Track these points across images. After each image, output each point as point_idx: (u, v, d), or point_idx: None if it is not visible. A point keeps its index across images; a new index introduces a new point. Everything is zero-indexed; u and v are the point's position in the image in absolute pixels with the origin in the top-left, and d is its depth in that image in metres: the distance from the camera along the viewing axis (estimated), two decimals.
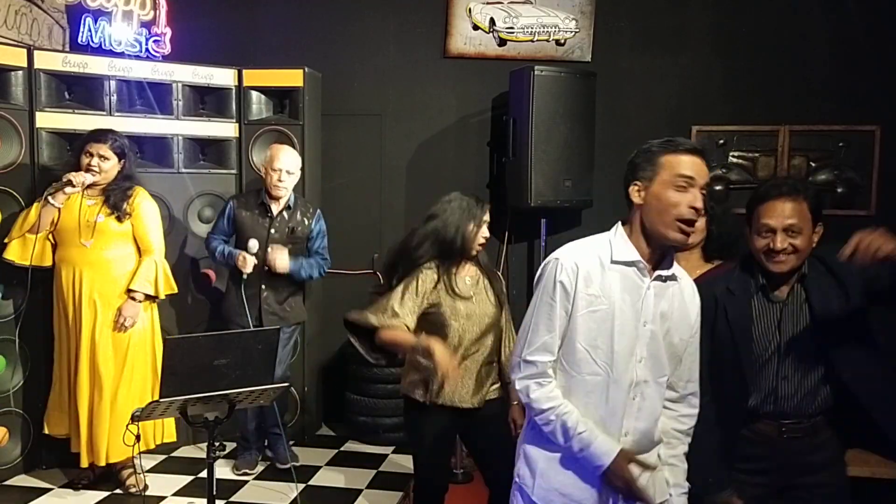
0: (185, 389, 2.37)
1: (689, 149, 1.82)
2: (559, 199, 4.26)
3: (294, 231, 3.86)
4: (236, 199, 3.89)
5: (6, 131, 3.69)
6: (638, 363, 1.86)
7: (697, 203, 1.78)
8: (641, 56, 4.62)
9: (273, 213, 3.82)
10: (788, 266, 2.13)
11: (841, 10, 4.36)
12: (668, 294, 1.89)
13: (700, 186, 1.80)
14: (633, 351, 1.85)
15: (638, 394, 1.87)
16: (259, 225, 3.80)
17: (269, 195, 3.81)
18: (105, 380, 3.54)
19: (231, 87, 4.35)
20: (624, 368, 1.85)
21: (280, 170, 3.75)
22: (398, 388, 4.34)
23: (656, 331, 1.86)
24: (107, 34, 4.08)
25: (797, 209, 2.10)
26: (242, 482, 3.82)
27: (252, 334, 2.77)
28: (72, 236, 3.53)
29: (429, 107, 4.81)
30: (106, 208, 3.55)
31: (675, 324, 1.89)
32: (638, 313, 1.85)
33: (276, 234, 3.81)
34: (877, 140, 4.37)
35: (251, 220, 3.81)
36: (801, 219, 2.10)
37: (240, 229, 3.82)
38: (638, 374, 1.86)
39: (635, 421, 1.87)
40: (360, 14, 4.81)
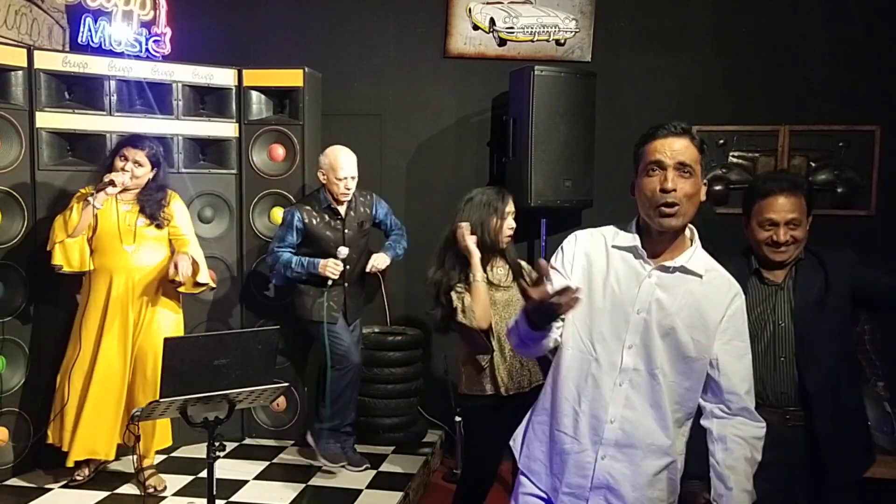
0: (185, 389, 2.38)
1: (662, 134, 1.82)
2: (559, 199, 4.26)
3: (363, 225, 3.96)
4: (300, 210, 3.84)
5: (6, 131, 3.69)
6: (627, 349, 1.83)
7: (666, 184, 1.77)
8: (641, 56, 4.62)
9: (342, 214, 3.88)
10: (789, 255, 2.30)
11: (841, 10, 4.36)
12: (674, 287, 1.83)
13: (672, 166, 1.78)
14: (621, 336, 1.83)
15: (625, 380, 1.83)
16: (333, 229, 3.86)
17: (336, 200, 3.85)
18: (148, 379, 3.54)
19: (231, 87, 4.35)
20: (609, 351, 1.84)
21: (346, 178, 3.80)
22: (399, 389, 4.41)
23: (650, 320, 1.82)
24: (107, 34, 4.08)
25: (797, 203, 2.28)
26: (242, 482, 3.82)
27: (252, 334, 2.77)
28: (112, 241, 3.53)
29: (429, 107, 4.81)
30: (143, 216, 3.59)
31: (682, 320, 1.81)
32: (633, 300, 1.83)
33: (350, 233, 3.89)
34: (877, 140, 4.37)
35: (324, 226, 3.85)
36: (800, 212, 2.27)
37: (314, 238, 3.84)
38: (625, 361, 1.83)
39: (623, 409, 1.83)
40: (360, 14, 4.81)
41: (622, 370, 1.83)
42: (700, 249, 1.89)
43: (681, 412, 1.87)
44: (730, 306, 1.85)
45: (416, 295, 4.81)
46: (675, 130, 1.81)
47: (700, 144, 1.83)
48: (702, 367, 1.84)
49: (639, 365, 1.83)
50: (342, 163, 3.80)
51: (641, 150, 1.85)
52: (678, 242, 1.86)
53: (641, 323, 1.82)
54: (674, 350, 1.82)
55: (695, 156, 1.80)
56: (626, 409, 1.83)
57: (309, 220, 3.83)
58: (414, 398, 4.53)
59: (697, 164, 1.81)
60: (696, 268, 1.84)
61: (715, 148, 4.52)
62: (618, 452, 1.84)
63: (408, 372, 4.45)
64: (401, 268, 4.86)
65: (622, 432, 1.83)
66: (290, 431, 4.44)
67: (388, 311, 4.82)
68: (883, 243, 4.01)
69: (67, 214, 3.47)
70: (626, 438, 1.84)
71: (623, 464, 1.84)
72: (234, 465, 4.04)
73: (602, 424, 1.84)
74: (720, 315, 1.84)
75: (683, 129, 1.82)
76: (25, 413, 3.75)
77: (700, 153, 1.82)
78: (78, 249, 3.49)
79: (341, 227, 3.87)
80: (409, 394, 4.48)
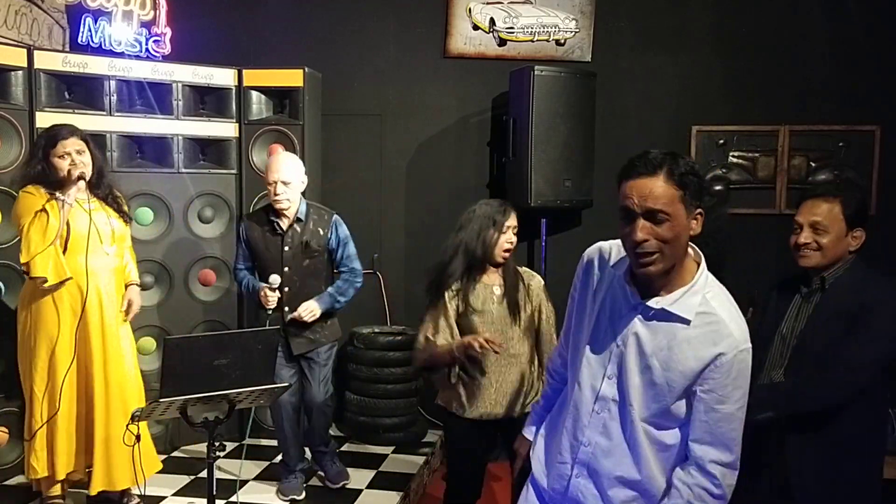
0: (185, 389, 2.37)
1: (633, 174, 1.64)
2: (559, 199, 4.26)
3: (308, 245, 3.53)
4: (247, 220, 3.64)
5: (6, 131, 3.69)
6: (607, 379, 1.78)
7: (635, 235, 1.62)
8: (641, 56, 4.62)
9: (283, 228, 3.52)
10: (813, 262, 2.25)
11: (841, 10, 4.36)
12: (657, 325, 1.71)
13: (641, 214, 1.62)
14: (604, 364, 1.78)
15: (604, 409, 1.78)
16: (271, 243, 3.52)
17: (276, 211, 3.52)
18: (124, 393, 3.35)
19: (231, 87, 4.35)
20: (592, 377, 1.80)
21: (275, 182, 3.42)
22: (399, 389, 4.41)
23: (628, 357, 1.73)
24: (107, 34, 4.08)
25: (827, 209, 2.22)
26: (242, 482, 3.82)
27: (252, 334, 2.76)
28: (92, 244, 3.24)
29: (429, 107, 4.81)
30: (112, 211, 3.39)
31: (659, 361, 1.70)
32: (615, 331, 1.76)
33: (289, 250, 3.50)
34: (877, 140, 4.37)
35: (262, 239, 3.54)
36: (828, 218, 2.21)
37: (254, 251, 3.57)
38: (603, 390, 1.78)
39: (599, 436, 1.80)
40: (360, 14, 4.81)
41: (599, 398, 1.79)
42: (700, 285, 1.70)
43: (663, 452, 1.76)
44: (714, 361, 1.66)
45: (416, 295, 4.79)
46: (647, 169, 1.62)
47: (680, 178, 1.62)
48: (682, 409, 1.72)
49: (616, 396, 1.78)
50: (272, 165, 3.47)
51: (619, 186, 1.69)
52: (679, 276, 1.71)
53: (620, 355, 1.76)
54: (648, 389, 1.72)
55: (670, 196, 1.61)
56: (602, 437, 1.80)
57: (251, 233, 3.55)
58: (414, 398, 4.53)
59: (676, 203, 1.61)
60: (683, 312, 1.68)
61: (715, 148, 4.53)
62: (589, 475, 1.84)
63: (408, 372, 4.45)
64: (401, 268, 4.87)
65: (593, 457, 1.82)
66: None
67: (388, 311, 4.83)
68: (883, 243, 4.00)
69: (44, 220, 3.13)
70: (596, 463, 1.82)
71: (597, 489, 1.83)
72: (234, 465, 4.04)
73: (578, 445, 1.84)
74: (700, 366, 1.67)
75: (658, 164, 1.62)
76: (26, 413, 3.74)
77: (681, 189, 1.62)
78: (58, 257, 3.17)
79: (280, 244, 3.50)
80: (409, 394, 4.48)
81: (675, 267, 1.69)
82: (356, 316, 4.74)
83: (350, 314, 4.74)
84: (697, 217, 1.67)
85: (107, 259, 3.37)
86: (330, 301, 3.57)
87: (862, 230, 2.25)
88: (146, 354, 4.15)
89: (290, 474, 3.70)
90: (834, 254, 2.23)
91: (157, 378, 2.85)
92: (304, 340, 3.56)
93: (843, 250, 2.24)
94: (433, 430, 4.63)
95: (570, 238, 4.59)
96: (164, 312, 4.21)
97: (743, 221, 4.43)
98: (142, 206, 4.15)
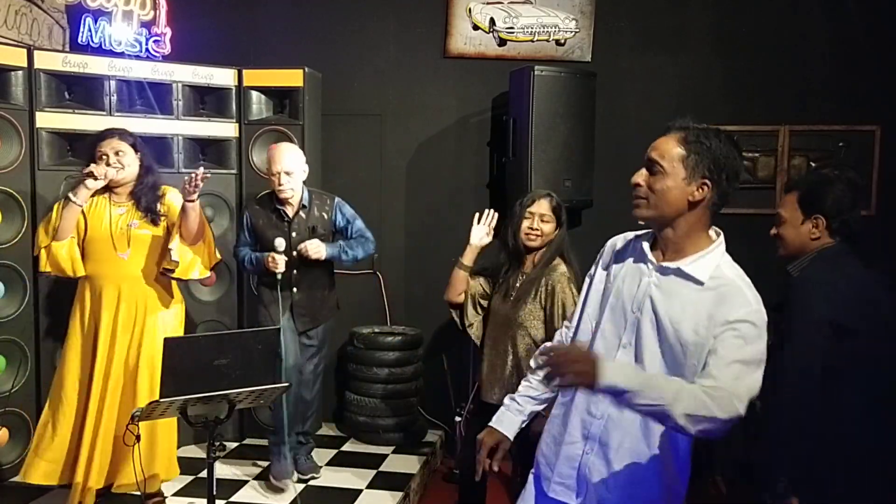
0: (185, 389, 2.37)
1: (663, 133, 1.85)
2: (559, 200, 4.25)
3: (315, 230, 3.69)
4: (250, 209, 3.76)
5: (6, 131, 3.69)
6: (622, 348, 1.82)
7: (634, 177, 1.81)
8: (641, 56, 4.62)
9: (289, 216, 3.67)
10: (780, 252, 2.40)
11: (841, 10, 4.36)
12: (672, 289, 1.76)
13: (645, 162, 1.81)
14: (619, 334, 1.83)
15: None
16: (278, 231, 3.64)
17: (280, 199, 3.66)
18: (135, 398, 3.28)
19: (231, 87, 4.35)
20: (607, 348, 1.84)
21: (279, 172, 3.58)
22: (399, 389, 4.41)
23: (643, 322, 1.79)
24: (107, 34, 4.08)
25: (788, 200, 2.37)
26: (242, 482, 3.82)
27: (252, 334, 2.77)
28: (105, 248, 3.27)
29: (429, 107, 4.81)
30: (138, 213, 3.33)
31: (673, 324, 1.74)
32: (631, 298, 1.83)
33: (297, 237, 3.65)
34: (877, 140, 4.37)
35: (269, 227, 3.66)
36: (785, 209, 2.36)
37: (260, 239, 3.69)
38: (620, 359, 1.82)
39: (610, 407, 1.82)
40: (360, 14, 4.81)
41: None
42: (716, 255, 1.76)
43: None
44: (727, 323, 1.67)
45: (416, 295, 4.81)
46: (671, 130, 1.81)
47: (692, 143, 1.75)
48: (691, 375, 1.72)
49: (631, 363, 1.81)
50: (275, 156, 3.61)
51: None
52: (692, 243, 1.77)
53: (636, 322, 1.81)
54: (665, 355, 1.76)
55: (673, 153, 1.75)
56: (613, 409, 1.82)
57: (256, 220, 3.69)
58: (414, 398, 4.53)
59: (675, 161, 1.74)
60: (698, 273, 1.74)
61: None
62: (600, 449, 1.85)
63: (408, 372, 4.45)
64: (401, 268, 4.87)
65: (606, 430, 1.84)
66: None
67: (388, 311, 4.84)
68: (883, 243, 4.00)
69: (49, 217, 3.27)
70: (608, 437, 1.84)
71: (605, 461, 1.85)
72: (234, 465, 4.05)
73: (591, 420, 1.86)
74: (713, 327, 1.69)
75: (681, 127, 1.80)
76: (26, 413, 3.75)
77: (688, 152, 1.74)
78: (66, 253, 3.24)
79: (287, 230, 3.65)
80: (409, 394, 4.48)
81: (682, 234, 1.77)
82: (356, 316, 4.75)
83: (350, 314, 4.76)
84: (703, 187, 1.74)
85: (122, 265, 3.30)
86: (337, 251, 3.69)
87: (816, 217, 2.29)
88: None
89: (280, 455, 3.68)
90: (793, 243, 2.35)
91: None
92: (307, 319, 3.74)
93: (804, 239, 2.32)
94: (433, 430, 4.64)
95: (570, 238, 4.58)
96: None
97: (743, 221, 4.43)
98: None
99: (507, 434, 2.06)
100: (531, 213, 3.00)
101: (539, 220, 2.99)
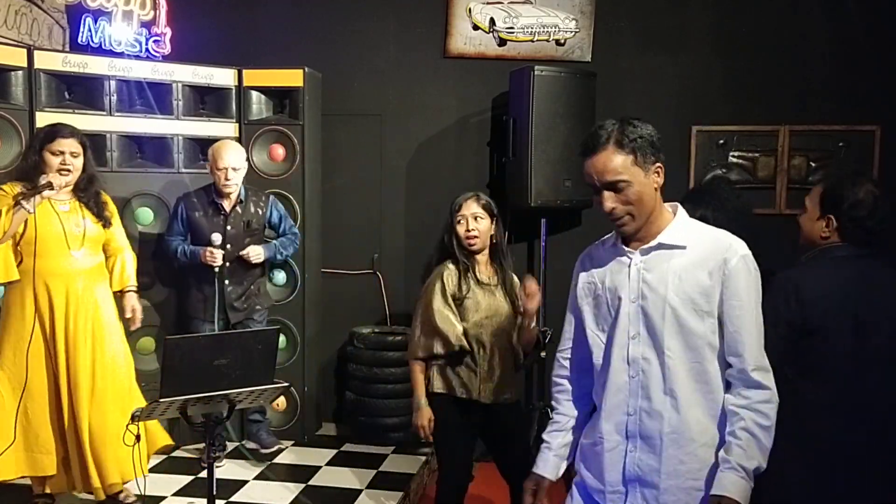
0: (185, 389, 2.37)
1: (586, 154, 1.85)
2: (559, 199, 4.26)
3: (250, 224, 3.90)
4: (186, 200, 3.88)
5: (6, 131, 3.69)
6: (632, 340, 1.86)
7: (604, 206, 1.83)
8: (641, 56, 4.62)
9: (226, 210, 3.85)
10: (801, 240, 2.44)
11: (841, 10, 4.36)
12: (660, 265, 1.84)
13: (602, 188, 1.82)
14: (626, 329, 1.87)
15: (638, 371, 1.85)
16: (213, 224, 3.82)
17: (219, 193, 3.83)
18: (110, 395, 3.32)
19: (231, 87, 4.35)
20: (620, 346, 1.88)
21: (225, 168, 3.75)
22: (399, 389, 4.41)
23: (646, 306, 1.84)
24: (107, 34, 4.08)
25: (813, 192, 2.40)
26: (242, 482, 3.83)
27: (252, 334, 2.77)
28: (57, 246, 3.23)
29: (429, 107, 4.81)
30: (89, 214, 3.33)
31: (677, 295, 1.81)
32: (626, 290, 1.87)
33: (232, 230, 3.84)
34: (877, 140, 4.37)
35: (205, 219, 3.84)
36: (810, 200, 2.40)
37: (195, 230, 3.85)
38: (632, 352, 1.86)
39: (640, 400, 1.85)
40: (360, 14, 4.81)
41: (632, 362, 1.86)
42: (684, 222, 1.88)
43: (704, 391, 1.82)
44: (725, 266, 1.79)
45: (415, 295, 4.79)
46: (597, 146, 1.81)
47: (629, 145, 1.79)
48: (712, 335, 1.81)
49: (647, 353, 1.85)
50: (222, 153, 3.77)
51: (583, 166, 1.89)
52: (662, 220, 1.87)
53: (639, 311, 1.85)
54: (680, 328, 1.81)
55: (622, 163, 1.79)
56: (643, 401, 1.85)
57: (192, 211, 3.83)
58: None
59: (630, 168, 1.79)
60: (677, 240, 1.84)
61: (715, 148, 4.52)
62: (643, 444, 1.86)
63: (408, 372, 4.43)
64: (401, 268, 4.87)
65: (641, 424, 1.86)
66: (290, 431, 4.44)
67: (388, 310, 4.84)
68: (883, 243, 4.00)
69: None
70: (645, 430, 1.86)
71: (649, 455, 1.85)
72: (234, 465, 4.05)
73: (625, 418, 1.88)
74: (717, 278, 1.79)
75: (605, 139, 1.81)
76: None
77: (632, 153, 1.79)
78: (2, 258, 3.15)
79: (222, 223, 3.82)
80: (409, 394, 4.45)
81: (651, 219, 1.85)
82: (356, 316, 4.75)
83: (350, 314, 4.76)
84: (658, 171, 1.84)
85: (75, 262, 3.29)
86: (273, 250, 3.98)
87: (834, 218, 2.31)
88: (146, 354, 4.15)
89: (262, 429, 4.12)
90: (807, 234, 2.39)
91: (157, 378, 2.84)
92: (239, 312, 3.92)
93: (815, 234, 2.35)
94: None
95: (570, 238, 4.59)
96: (163, 311, 4.20)
97: None
98: (142, 206, 4.15)
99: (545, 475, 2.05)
100: (463, 217, 2.95)
101: (473, 220, 2.94)
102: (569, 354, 2.07)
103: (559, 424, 2.08)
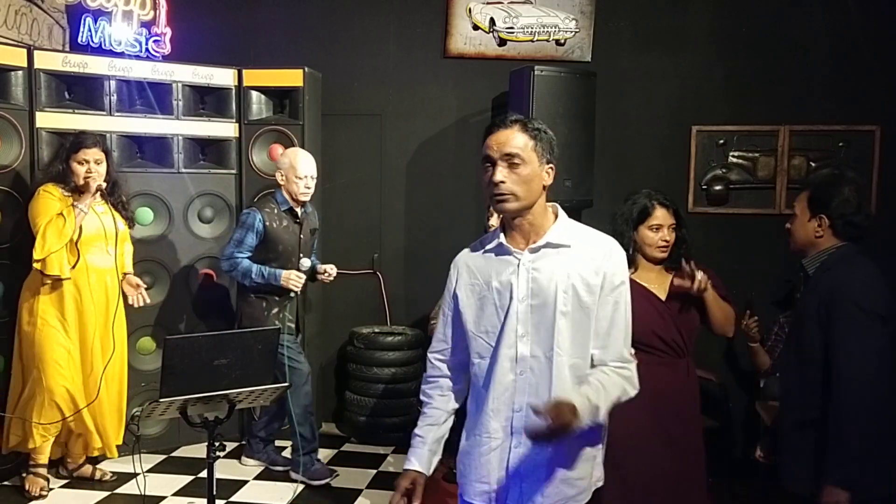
0: (185, 389, 2.38)
1: (493, 130, 1.89)
2: (559, 200, 4.23)
3: (314, 232, 3.96)
4: (261, 212, 3.72)
5: (6, 131, 3.69)
6: (520, 339, 1.87)
7: (494, 177, 1.84)
8: (641, 56, 4.61)
9: (300, 217, 3.82)
10: (791, 246, 2.46)
11: (841, 10, 4.36)
12: (547, 265, 1.87)
13: (499, 158, 1.84)
14: (514, 328, 1.87)
15: (526, 369, 1.87)
16: (290, 233, 3.78)
17: (295, 201, 3.77)
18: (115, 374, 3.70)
19: (231, 87, 4.35)
20: (507, 345, 1.88)
21: (306, 176, 3.73)
22: (399, 389, 4.41)
23: (536, 305, 1.85)
24: (107, 34, 4.08)
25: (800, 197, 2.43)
26: (242, 482, 3.83)
27: (252, 334, 2.77)
28: (99, 244, 3.59)
29: (429, 107, 4.81)
30: (116, 213, 3.60)
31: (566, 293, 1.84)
32: (514, 291, 1.88)
33: (304, 238, 3.83)
34: (877, 140, 4.36)
35: (283, 229, 3.76)
36: (798, 205, 2.43)
37: (273, 241, 3.72)
38: (521, 351, 1.86)
39: (528, 397, 1.86)
40: (360, 14, 4.81)
41: (519, 360, 1.87)
42: (566, 222, 1.95)
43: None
44: (605, 264, 1.87)
45: (415, 295, 4.81)
46: (504, 125, 1.88)
47: (533, 131, 1.87)
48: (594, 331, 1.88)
49: (535, 352, 1.86)
50: (302, 162, 3.75)
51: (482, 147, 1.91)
52: (539, 224, 1.92)
53: (528, 310, 1.86)
54: (568, 325, 1.85)
55: (524, 143, 1.86)
56: (531, 398, 1.85)
57: (269, 223, 3.71)
58: (414, 398, 4.52)
59: (529, 150, 1.86)
60: (562, 240, 1.90)
61: (715, 148, 4.52)
62: (527, 440, 1.84)
63: (408, 372, 4.45)
64: (401, 268, 4.87)
65: (528, 420, 1.84)
66: (289, 431, 4.43)
67: (388, 311, 4.84)
68: (883, 243, 4.00)
69: (60, 223, 3.41)
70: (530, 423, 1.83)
71: (532, 451, 1.86)
72: (234, 465, 4.05)
73: (511, 414, 1.89)
74: (600, 278, 1.86)
75: (513, 120, 1.88)
76: None
77: (534, 140, 1.87)
78: (65, 256, 3.47)
79: (298, 231, 3.80)
80: (409, 394, 4.48)
81: (535, 214, 1.91)
82: (356, 316, 4.75)
83: (350, 314, 4.76)
84: (549, 171, 1.93)
85: (109, 258, 3.62)
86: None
87: (821, 217, 2.35)
88: (146, 354, 4.15)
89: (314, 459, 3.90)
90: (800, 239, 2.41)
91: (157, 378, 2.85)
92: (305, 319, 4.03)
93: (809, 236, 2.38)
94: None
95: None
96: (164, 311, 4.20)
97: (743, 221, 4.44)
98: (142, 206, 4.15)
99: (421, 470, 2.08)
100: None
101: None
102: (443, 356, 2.05)
103: (433, 418, 2.12)
